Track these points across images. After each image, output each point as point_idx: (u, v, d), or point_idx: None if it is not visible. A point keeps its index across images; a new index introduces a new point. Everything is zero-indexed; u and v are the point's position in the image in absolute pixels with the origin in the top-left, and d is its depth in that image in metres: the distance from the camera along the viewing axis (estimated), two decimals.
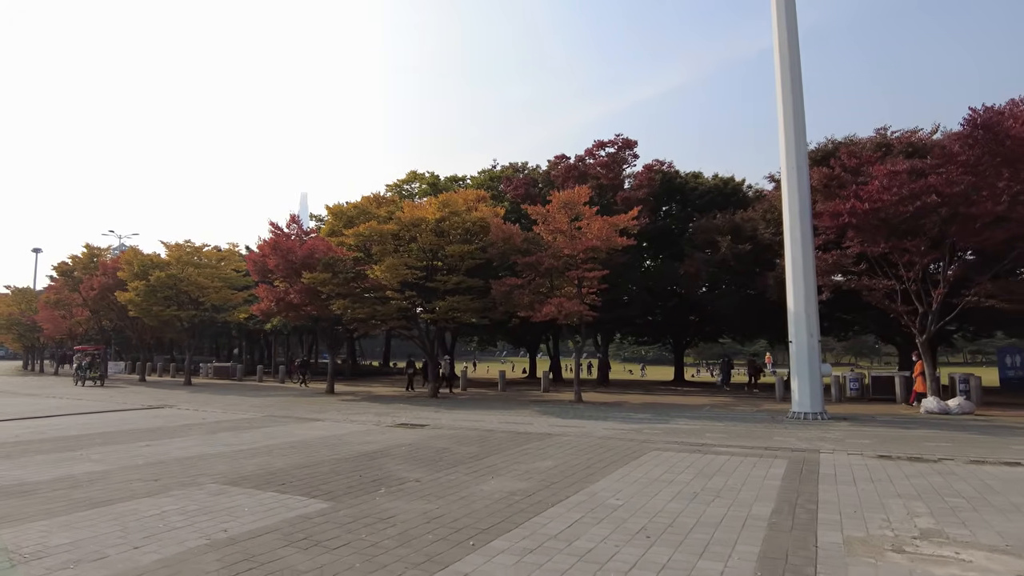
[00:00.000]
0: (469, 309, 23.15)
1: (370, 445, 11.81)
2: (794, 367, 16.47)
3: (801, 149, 16.85)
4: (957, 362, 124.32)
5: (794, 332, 16.50)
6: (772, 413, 18.13)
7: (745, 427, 14.82)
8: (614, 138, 29.67)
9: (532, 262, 20.90)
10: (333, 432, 13.99)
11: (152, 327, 36.52)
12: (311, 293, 24.87)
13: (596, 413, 18.33)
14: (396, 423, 15.66)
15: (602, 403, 22.13)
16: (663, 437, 12.96)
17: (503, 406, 20.75)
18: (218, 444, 12.03)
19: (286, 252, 25.39)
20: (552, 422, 15.87)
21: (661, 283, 35.02)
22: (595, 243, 19.30)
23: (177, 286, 32.23)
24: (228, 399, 24.14)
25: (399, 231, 22.65)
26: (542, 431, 13.94)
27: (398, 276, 21.68)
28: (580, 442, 12.21)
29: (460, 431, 13.99)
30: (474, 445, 11.75)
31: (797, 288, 16.45)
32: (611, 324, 35.65)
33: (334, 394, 26.91)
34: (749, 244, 26.31)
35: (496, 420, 16.31)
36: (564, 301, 19.68)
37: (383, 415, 17.74)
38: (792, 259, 16.59)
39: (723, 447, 11.63)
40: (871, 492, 7.81)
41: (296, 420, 16.66)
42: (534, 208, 20.62)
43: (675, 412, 18.67)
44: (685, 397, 25.62)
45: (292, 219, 27.15)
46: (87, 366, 32.06)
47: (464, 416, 17.41)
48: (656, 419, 16.65)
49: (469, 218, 22.07)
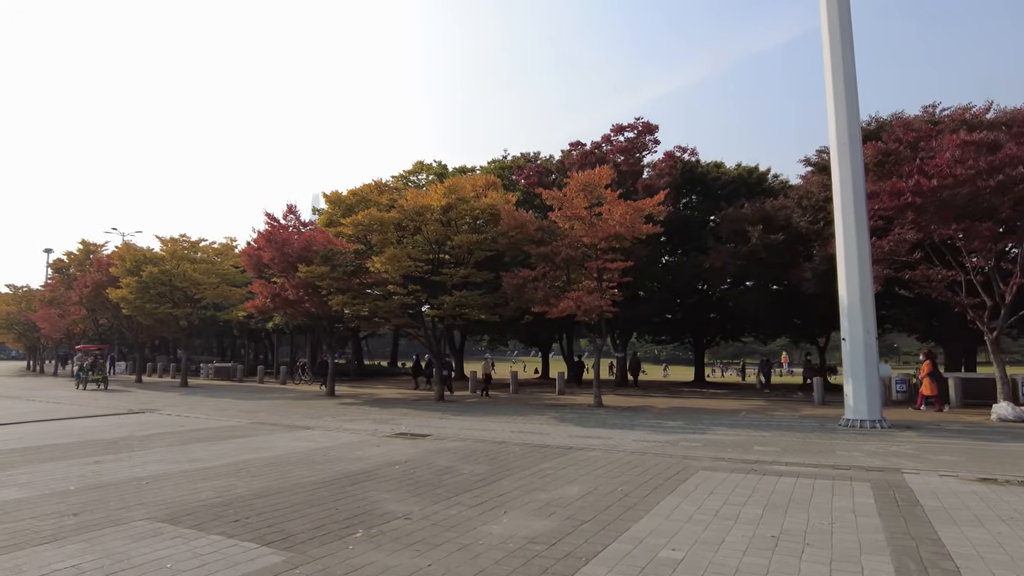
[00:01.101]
0: (478, 305, 21.27)
1: (359, 463, 9.94)
2: (848, 368, 14.44)
3: (853, 118, 14.81)
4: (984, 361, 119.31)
5: (848, 328, 14.46)
6: (820, 420, 16.09)
7: (796, 438, 12.82)
8: (634, 121, 27.68)
9: (547, 253, 18.97)
10: (321, 444, 12.15)
11: (148, 326, 34.96)
12: (308, 288, 23.10)
13: (620, 420, 16.38)
14: (395, 432, 13.80)
15: (625, 408, 20.18)
16: (705, 451, 11.00)
17: (515, 411, 18.85)
18: (182, 459, 10.22)
19: (281, 244, 23.64)
20: (572, 432, 13.95)
21: (682, 279, 33.02)
22: (618, 229, 17.32)
23: (171, 282, 30.57)
24: (220, 402, 22.42)
25: (402, 220, 20.79)
26: (562, 443, 12.02)
27: (401, 269, 19.83)
28: (609, 458, 10.28)
29: (467, 444, 12.09)
30: (482, 463, 9.85)
31: (851, 278, 14.41)
32: (628, 322, 33.68)
33: (335, 396, 25.15)
34: (782, 234, 24.21)
35: (508, 429, 14.41)
36: (583, 295, 17.73)
37: (383, 422, 15.89)
38: (845, 245, 14.55)
39: (782, 465, 9.67)
40: (1012, 537, 5.83)
41: (284, 428, 14.86)
42: (549, 192, 18.66)
43: (708, 418, 16.69)
44: (713, 400, 23.59)
45: (289, 209, 25.39)
46: (89, 368, 30.07)
47: (472, 424, 15.53)
48: (690, 427, 14.68)
49: (478, 205, 20.17)
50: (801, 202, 23.03)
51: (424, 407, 20.29)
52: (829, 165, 22.81)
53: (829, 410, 19.03)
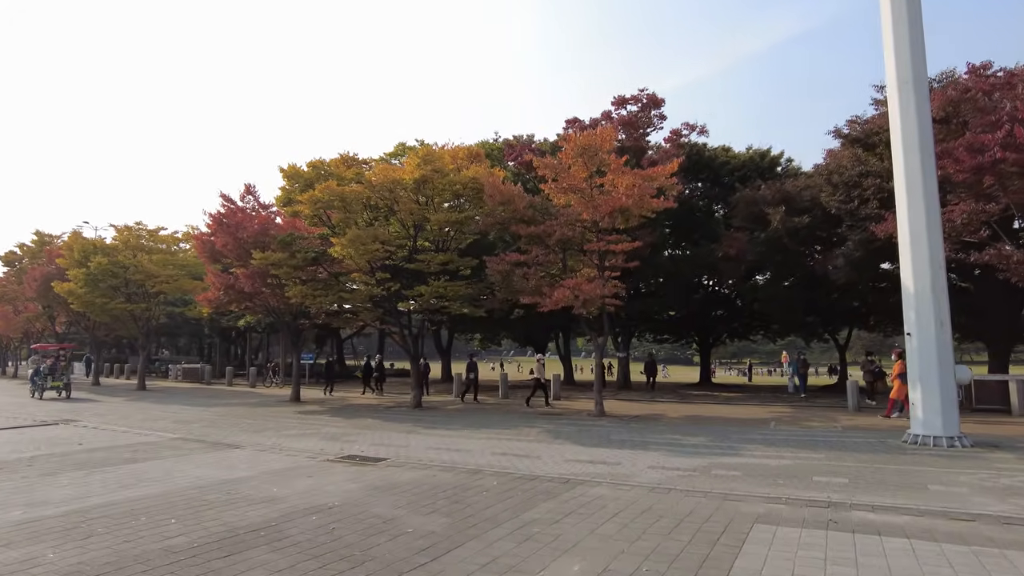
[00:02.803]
0: (460, 296, 18.28)
1: (265, 508, 6.95)
2: (915, 371, 11.47)
3: (918, 51, 11.78)
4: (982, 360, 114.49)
5: (914, 321, 11.50)
6: (873, 434, 13.12)
7: (860, 462, 9.85)
8: (637, 94, 24.68)
9: (539, 233, 15.97)
10: (236, 473, 9.16)
11: (105, 323, 31.88)
12: (263, 278, 20.07)
13: (628, 435, 13.39)
14: (341, 455, 10.80)
15: (631, 416, 17.19)
16: (751, 486, 8.02)
17: (502, 422, 15.86)
18: (19, 502, 7.22)
19: (235, 228, 20.59)
20: (569, 453, 10.96)
21: (691, 271, 30.07)
22: (625, 202, 14.31)
23: (122, 274, 27.46)
24: (164, 409, 19.41)
25: (370, 198, 17.77)
26: (555, 472, 9.03)
27: (366, 254, 16.79)
28: (621, 501, 7.29)
29: (428, 474, 9.10)
30: (440, 512, 6.85)
31: (919, 257, 11.45)
32: (631, 319, 30.75)
33: (299, 402, 22.13)
34: (807, 217, 21.29)
35: (489, 449, 11.41)
36: (583, 283, 14.73)
37: (335, 438, 12.88)
38: (910, 216, 11.59)
39: (867, 510, 6.72)
40: None
41: (208, 447, 11.86)
42: (541, 160, 15.60)
43: (734, 432, 13.72)
44: (731, 407, 20.61)
45: (247, 190, 22.30)
46: (48, 372, 24.94)
47: (444, 442, 12.54)
48: (717, 445, 11.70)
49: (458, 179, 17.15)
50: (831, 178, 20.06)
51: (395, 416, 17.29)
52: (862, 136, 20.09)
53: (870, 419, 16.10)
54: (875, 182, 18.38)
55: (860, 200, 18.89)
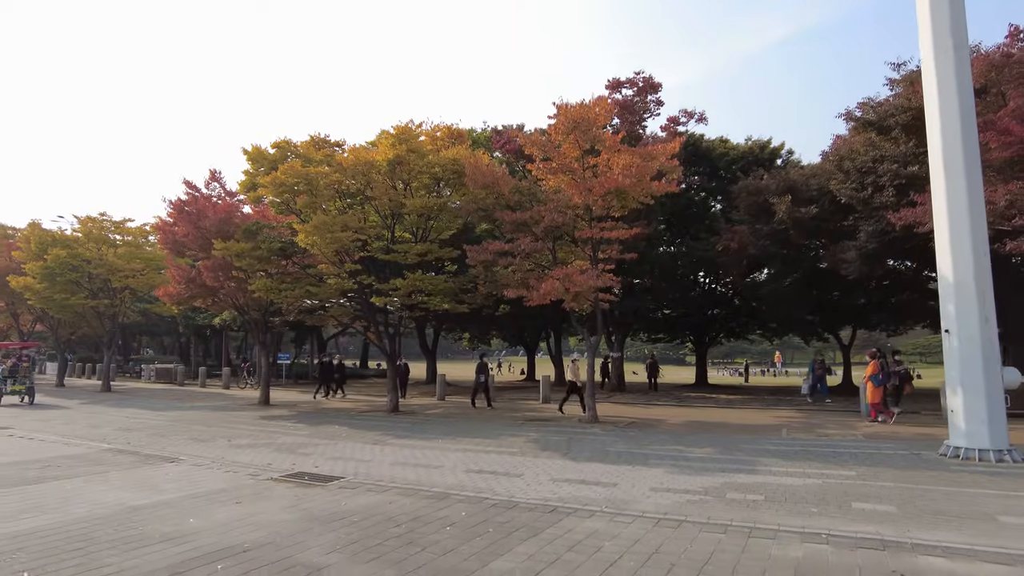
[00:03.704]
0: (441, 291, 16.67)
1: (161, 552, 5.34)
2: (955, 373, 9.97)
3: (959, 17, 10.32)
4: None
5: (954, 317, 10.00)
6: (903, 445, 11.62)
7: (901, 481, 8.33)
8: (633, 77, 23.15)
9: (526, 220, 14.38)
10: (155, 497, 7.56)
11: (69, 321, 30.06)
12: (227, 270, 18.41)
13: (626, 445, 11.84)
14: (290, 472, 9.20)
15: (626, 422, 15.66)
16: (780, 515, 6.48)
17: (483, 429, 14.28)
18: None
19: (196, 216, 18.94)
20: (557, 470, 9.39)
21: (688, 267, 28.62)
22: (622, 182, 12.74)
23: (84, 268, 25.69)
24: (115, 414, 17.73)
25: (341, 181, 16.14)
26: (539, 497, 7.47)
27: (334, 242, 15.17)
28: (620, 541, 5.73)
29: (384, 499, 7.52)
30: (384, 560, 5.26)
31: (959, 243, 9.96)
32: (625, 316, 29.19)
33: (268, 406, 20.48)
34: (815, 207, 19.82)
35: (463, 464, 9.83)
36: (574, 273, 13.15)
37: (288, 451, 11.27)
38: (948, 195, 10.10)
39: (947, 555, 5.18)
40: None
41: (139, 460, 10.27)
42: (528, 137, 13.97)
43: (745, 442, 12.20)
44: (734, 411, 19.11)
45: (212, 175, 20.63)
46: (6, 376, 22.53)
47: (414, 455, 10.95)
48: (728, 459, 10.17)
49: (437, 160, 15.54)
50: (842, 164, 18.56)
51: (367, 423, 15.68)
52: (876, 119, 18.63)
53: (890, 425, 14.63)
54: (891, 167, 16.93)
55: (874, 188, 17.44)
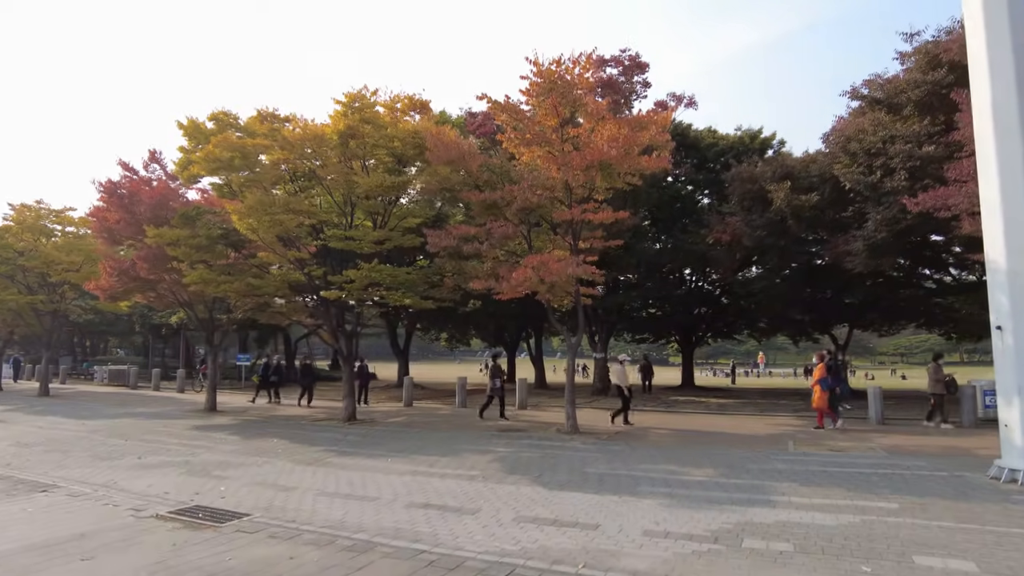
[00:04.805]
0: (402, 284, 14.70)
1: None
2: (1010, 378, 8.22)
3: None
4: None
5: (1008, 311, 8.26)
6: (943, 464, 9.87)
7: (961, 518, 6.54)
8: (619, 54, 21.33)
9: (496, 201, 12.45)
10: None
11: (5, 318, 27.57)
12: (164, 261, 16.30)
13: (610, 463, 9.97)
14: (184, 506, 7.23)
15: (610, 431, 13.78)
16: None
17: (445, 443, 12.33)
18: None
19: (129, 200, 16.82)
20: (523, 503, 7.48)
21: (675, 261, 26.92)
22: (608, 153, 10.84)
23: (14, 260, 23.34)
24: (31, 423, 15.64)
25: (287, 159, 14.11)
26: (494, 552, 5.56)
27: (274, 226, 13.15)
28: None
29: (283, 551, 5.59)
30: None
31: (1015, 223, 8.22)
32: (609, 313, 27.42)
33: (214, 412, 18.39)
34: (815, 195, 18.16)
35: (408, 493, 7.90)
36: (550, 260, 11.22)
37: (201, 473, 9.26)
38: (1000, 164, 8.36)
39: None
40: None
41: (7, 488, 8.20)
42: (498, 104, 11.97)
43: (748, 457, 10.39)
44: (727, 418, 17.34)
45: (152, 156, 18.48)
46: None
47: (352, 480, 9.00)
48: (735, 483, 8.33)
49: (396, 133, 13.57)
50: (848, 146, 16.85)
51: (313, 435, 13.68)
52: (885, 97, 17.01)
53: (909, 436, 12.92)
54: (904, 148, 15.27)
55: (884, 171, 15.78)
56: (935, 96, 15.52)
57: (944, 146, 14.69)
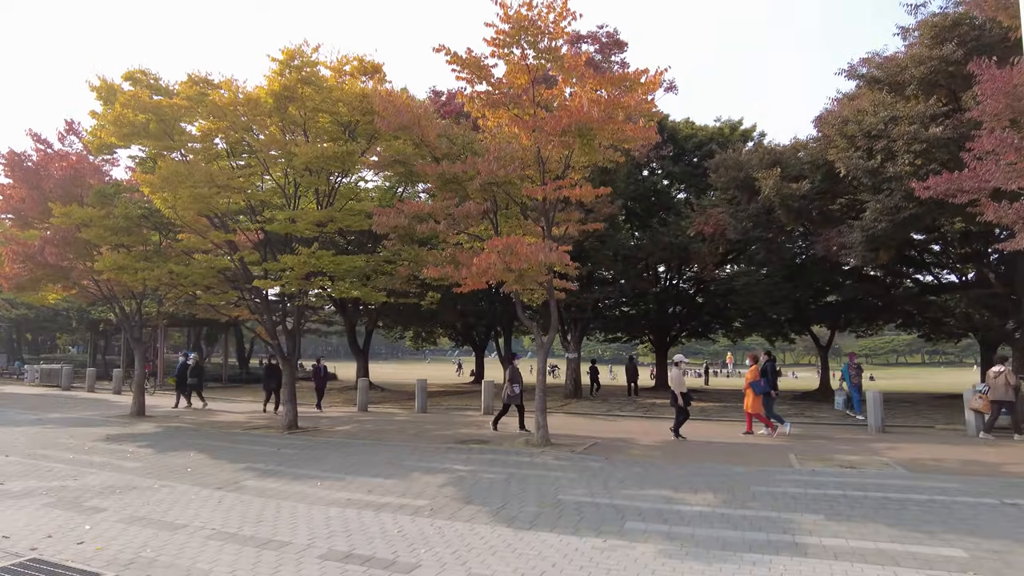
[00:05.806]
0: (347, 272, 12.79)
1: None
2: None
3: None
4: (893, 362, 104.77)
5: None
6: (975, 485, 8.39)
7: None
8: (595, 31, 19.75)
9: (456, 174, 10.64)
10: None
11: None
12: (77, 246, 14.12)
13: (589, 488, 8.24)
14: (18, 558, 5.25)
15: (587, 442, 12.09)
16: None
17: (391, 460, 10.48)
18: None
19: (35, 175, 14.61)
20: (478, 550, 5.71)
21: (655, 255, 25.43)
22: (589, 114, 9.07)
23: None
24: None
25: (218, 130, 12.09)
26: None
27: (196, 202, 11.15)
28: None
29: None
30: None
31: None
32: (583, 311, 25.79)
33: (141, 417, 16.27)
34: (806, 182, 16.78)
35: (325, 539, 6.07)
36: (518, 243, 9.41)
37: (68, 505, 7.29)
38: None
39: None
40: None
41: None
42: (459, 58, 10.08)
43: (751, 477, 8.77)
44: (713, 424, 15.83)
45: (69, 127, 16.26)
46: None
47: (263, 513, 7.13)
48: (742, 514, 6.68)
49: (342, 96, 11.66)
50: (845, 129, 15.45)
51: (241, 448, 11.72)
52: (885, 76, 15.70)
53: (938, 454, 11.51)
54: (908, 130, 13.90)
55: (886, 155, 14.40)
56: (941, 74, 14.20)
57: (953, 127, 13.38)
